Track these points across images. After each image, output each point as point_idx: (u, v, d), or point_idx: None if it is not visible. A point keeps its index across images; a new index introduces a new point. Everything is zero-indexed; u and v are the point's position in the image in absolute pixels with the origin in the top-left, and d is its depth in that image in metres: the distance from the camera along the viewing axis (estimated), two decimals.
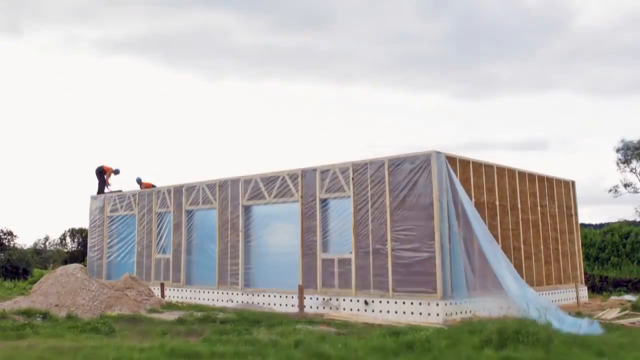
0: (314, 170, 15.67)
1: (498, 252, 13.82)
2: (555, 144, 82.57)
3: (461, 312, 13.12)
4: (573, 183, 19.46)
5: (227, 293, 17.13)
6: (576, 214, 19.31)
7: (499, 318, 9.80)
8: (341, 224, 15.01)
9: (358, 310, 14.10)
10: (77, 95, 79.83)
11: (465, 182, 14.20)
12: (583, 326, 10.80)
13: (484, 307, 12.98)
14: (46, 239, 48.77)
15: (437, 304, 12.84)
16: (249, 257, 17.05)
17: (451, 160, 13.93)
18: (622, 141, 38.26)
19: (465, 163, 14.51)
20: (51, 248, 47.11)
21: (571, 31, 79.36)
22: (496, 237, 14.51)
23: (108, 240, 21.55)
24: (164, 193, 19.82)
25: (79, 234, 44.86)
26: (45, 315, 12.41)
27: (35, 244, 47.01)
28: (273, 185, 16.57)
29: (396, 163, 14.06)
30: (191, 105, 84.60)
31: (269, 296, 16.06)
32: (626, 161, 38.42)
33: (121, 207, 21.31)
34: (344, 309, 14.36)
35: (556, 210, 18.19)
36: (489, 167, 15.37)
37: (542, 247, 17.09)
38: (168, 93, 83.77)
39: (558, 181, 18.59)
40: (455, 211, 13.58)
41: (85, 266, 18.64)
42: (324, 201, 15.46)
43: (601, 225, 34.77)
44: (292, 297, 15.27)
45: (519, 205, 16.34)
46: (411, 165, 13.78)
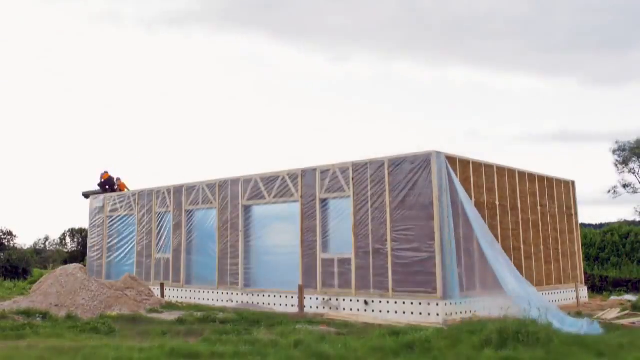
0: (314, 170, 15.66)
1: (498, 252, 13.80)
2: None
3: (461, 312, 13.11)
4: (573, 183, 19.46)
5: (227, 293, 17.12)
6: (576, 214, 19.31)
7: (499, 318, 9.77)
8: (341, 224, 14.99)
9: (358, 310, 14.10)
10: (78, 94, 79.86)
11: (465, 182, 14.20)
12: (583, 326, 10.79)
13: (484, 307, 12.96)
14: (46, 239, 48.82)
15: (437, 304, 12.83)
16: (249, 257, 17.05)
17: (451, 160, 13.93)
18: (617, 142, 38.34)
19: (465, 163, 14.50)
20: (51, 248, 47.14)
21: None
22: (496, 237, 14.49)
23: (108, 240, 21.55)
24: (164, 193, 19.81)
25: (79, 234, 44.89)
26: (45, 315, 12.41)
27: (35, 244, 47.05)
28: (273, 185, 16.56)
29: (396, 163, 14.06)
30: (191, 105, 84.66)
31: (269, 296, 16.05)
32: (624, 162, 38.39)
33: (121, 207, 21.30)
34: (344, 309, 14.35)
35: (556, 210, 18.18)
36: (489, 167, 15.36)
37: (542, 247, 17.09)
38: (168, 93, 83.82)
39: (558, 181, 18.59)
40: (455, 211, 13.57)
41: (85, 266, 18.65)
42: (324, 201, 15.45)
43: (601, 225, 34.77)
44: (292, 297, 15.26)
45: (519, 205, 16.33)
46: (411, 165, 13.77)
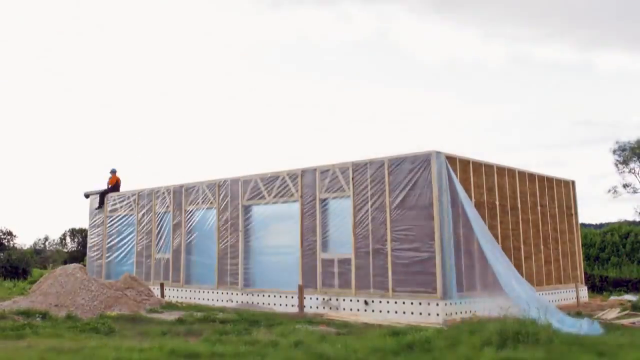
0: (314, 170, 15.66)
1: (498, 252, 13.79)
2: None
3: (461, 312, 13.11)
4: (573, 183, 19.46)
5: (227, 293, 17.12)
6: (576, 214, 19.31)
7: (499, 318, 9.76)
8: (341, 224, 14.99)
9: (358, 310, 14.09)
10: (78, 94, 79.83)
11: (465, 182, 14.19)
12: (583, 326, 10.78)
13: (484, 307, 12.95)
14: (46, 239, 48.88)
15: (437, 304, 12.83)
16: (249, 257, 17.04)
17: (451, 160, 13.92)
18: (617, 142, 38.39)
19: (465, 163, 14.50)
20: (51, 248, 47.18)
21: None
22: (496, 237, 14.49)
23: (108, 240, 21.54)
24: (164, 193, 19.81)
25: (79, 234, 44.93)
26: (44, 315, 12.39)
27: (35, 244, 47.10)
28: (273, 185, 16.56)
29: (396, 163, 14.05)
30: (191, 105, 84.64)
31: (269, 296, 16.05)
32: (624, 162, 38.41)
33: (121, 207, 21.30)
34: (344, 309, 14.35)
35: (556, 210, 18.18)
36: (489, 167, 15.36)
37: (542, 247, 17.08)
38: (168, 93, 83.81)
39: (558, 181, 18.59)
40: (455, 211, 13.57)
41: (84, 266, 18.62)
42: (324, 201, 15.45)
43: (601, 225, 34.79)
44: (292, 297, 15.26)
45: (519, 205, 16.32)
46: (411, 165, 13.77)
